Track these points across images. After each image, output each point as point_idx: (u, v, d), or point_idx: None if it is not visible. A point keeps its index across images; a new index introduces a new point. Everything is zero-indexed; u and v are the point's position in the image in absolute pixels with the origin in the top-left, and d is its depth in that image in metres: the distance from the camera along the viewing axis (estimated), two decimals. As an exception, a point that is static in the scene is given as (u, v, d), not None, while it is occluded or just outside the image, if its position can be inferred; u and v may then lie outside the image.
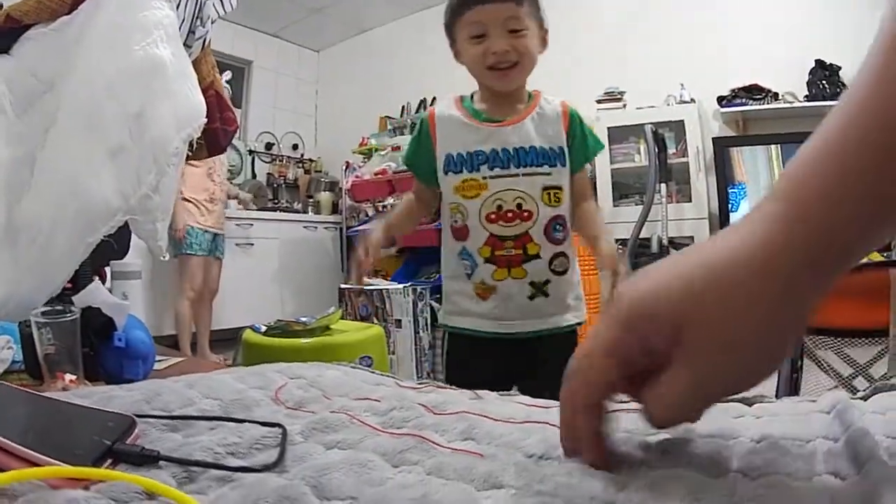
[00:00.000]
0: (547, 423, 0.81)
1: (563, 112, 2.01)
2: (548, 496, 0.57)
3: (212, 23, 2.26)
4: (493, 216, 1.92)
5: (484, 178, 1.93)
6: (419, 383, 1.09)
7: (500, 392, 1.05)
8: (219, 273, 6.30)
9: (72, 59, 1.63)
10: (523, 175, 1.92)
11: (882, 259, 2.39)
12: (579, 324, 2.06)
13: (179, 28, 1.91)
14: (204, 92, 1.98)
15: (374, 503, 0.57)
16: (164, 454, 0.66)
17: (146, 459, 0.66)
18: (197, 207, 5.97)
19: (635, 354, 0.61)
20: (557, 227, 1.96)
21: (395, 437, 0.75)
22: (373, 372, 1.21)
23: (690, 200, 5.98)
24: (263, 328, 3.67)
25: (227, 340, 6.09)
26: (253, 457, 0.69)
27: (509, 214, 1.91)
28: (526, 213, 1.91)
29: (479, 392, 1.03)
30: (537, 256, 1.94)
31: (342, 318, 4.05)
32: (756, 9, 6.03)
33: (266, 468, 0.64)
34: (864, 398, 0.84)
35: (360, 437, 0.76)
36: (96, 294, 1.51)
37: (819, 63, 5.41)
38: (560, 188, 1.95)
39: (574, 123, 2.01)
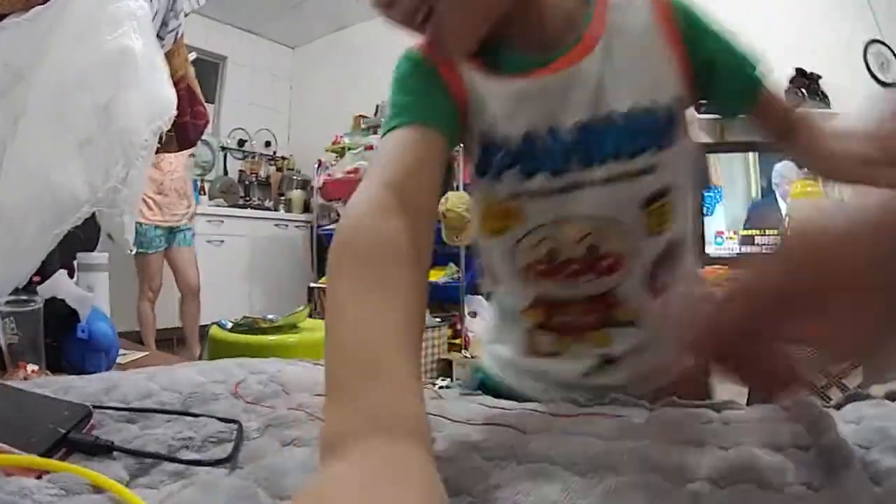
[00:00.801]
0: (508, 426, 0.80)
1: (657, 10, 0.93)
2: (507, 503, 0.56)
3: (185, 15, 2.26)
4: (540, 268, 1.01)
5: (515, 196, 0.98)
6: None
7: (462, 392, 1.04)
8: (192, 265, 5.90)
9: (44, 48, 1.62)
10: (598, 183, 0.94)
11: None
12: None
13: (153, 19, 1.91)
14: (175, 85, 1.97)
15: (327, 504, 0.56)
16: (118, 445, 0.66)
17: (99, 449, 0.66)
18: (143, 202, 5.32)
19: (797, 296, 0.53)
20: (669, 261, 1.01)
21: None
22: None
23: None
24: (230, 324, 3.66)
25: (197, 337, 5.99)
26: (207, 451, 0.69)
27: (573, 267, 1.00)
28: (607, 262, 0.99)
29: (441, 391, 1.02)
30: (631, 324, 1.03)
31: (311, 316, 4.05)
32: (735, 17, 6.07)
33: (218, 462, 0.64)
34: (837, 407, 0.83)
35: (316, 434, 0.76)
36: (60, 285, 1.50)
37: (799, 71, 5.44)
38: (668, 190, 0.96)
39: (689, 23, 0.93)
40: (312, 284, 6.17)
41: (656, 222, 0.96)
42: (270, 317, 3.81)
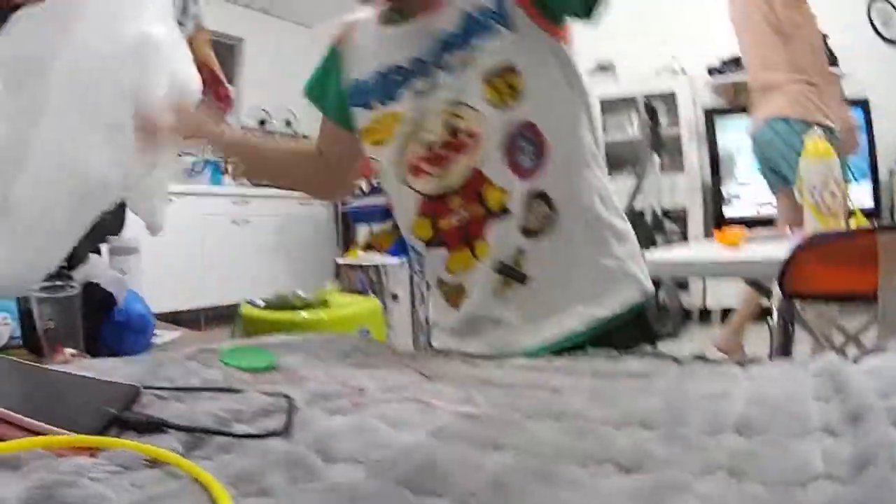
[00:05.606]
0: (541, 386, 0.83)
1: None
2: (547, 458, 0.58)
3: (204, 1, 2.30)
4: (418, 164, 1.23)
5: (403, 107, 1.24)
6: (415, 352, 1.10)
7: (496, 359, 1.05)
8: None
9: (65, 37, 1.63)
10: (450, 72, 1.18)
11: (870, 227, 2.42)
12: (639, 307, 1.23)
13: (173, 5, 1.92)
14: (198, 69, 1.99)
15: (382, 468, 0.57)
16: (170, 421, 0.67)
17: (152, 427, 0.66)
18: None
19: None
20: (525, 142, 1.17)
21: (395, 403, 0.76)
22: (369, 341, 1.22)
23: (683, 171, 5.98)
24: (262, 303, 3.68)
25: (223, 317, 5.90)
26: (259, 423, 0.70)
27: (441, 153, 1.19)
28: (464, 137, 1.18)
29: (474, 360, 1.03)
30: (505, 211, 1.17)
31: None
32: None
33: (273, 434, 0.65)
34: (855, 360, 0.85)
35: (358, 402, 0.77)
36: (96, 269, 1.51)
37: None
38: (513, 68, 1.15)
39: None
40: (339, 260, 6.16)
41: (500, 97, 1.15)
42: (300, 293, 3.82)
